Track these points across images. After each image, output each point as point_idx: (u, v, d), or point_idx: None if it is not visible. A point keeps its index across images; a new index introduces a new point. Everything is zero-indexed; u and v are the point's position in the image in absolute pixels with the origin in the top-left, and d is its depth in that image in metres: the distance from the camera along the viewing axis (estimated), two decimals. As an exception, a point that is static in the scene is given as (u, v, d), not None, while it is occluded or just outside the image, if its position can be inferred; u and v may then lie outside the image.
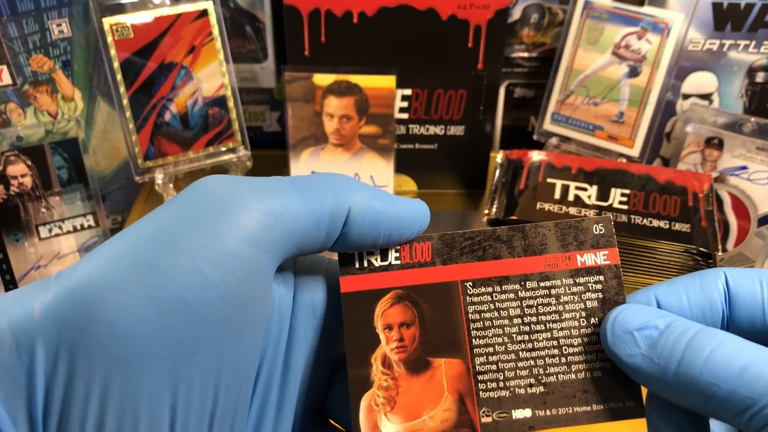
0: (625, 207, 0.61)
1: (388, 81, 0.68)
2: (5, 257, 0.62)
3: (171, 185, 0.66)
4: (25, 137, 0.62)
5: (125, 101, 0.63)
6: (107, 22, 0.61)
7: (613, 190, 0.63)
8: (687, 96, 0.73)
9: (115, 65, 0.62)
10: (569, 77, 0.72)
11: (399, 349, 0.29)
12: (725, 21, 0.70)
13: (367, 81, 0.68)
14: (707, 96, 0.73)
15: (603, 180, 0.63)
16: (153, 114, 0.64)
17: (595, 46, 0.70)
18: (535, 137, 0.74)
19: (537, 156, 0.66)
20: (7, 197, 0.61)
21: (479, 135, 0.75)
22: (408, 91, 0.73)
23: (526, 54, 0.79)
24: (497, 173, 0.66)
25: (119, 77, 0.62)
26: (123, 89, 0.63)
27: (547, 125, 0.73)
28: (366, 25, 0.69)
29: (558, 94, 0.73)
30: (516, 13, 0.76)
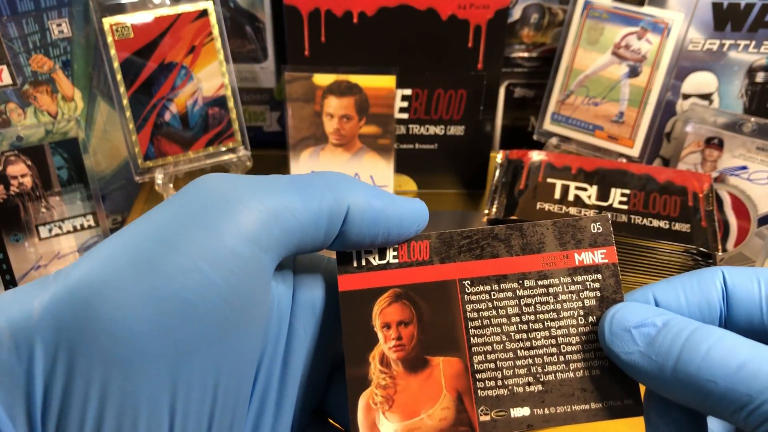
0: (625, 207, 0.61)
1: (388, 81, 0.68)
2: (5, 257, 0.62)
3: (171, 185, 0.66)
4: (25, 137, 0.62)
5: (125, 101, 0.63)
6: (107, 22, 0.61)
7: (613, 190, 0.63)
8: (687, 96, 0.73)
9: (115, 65, 0.62)
10: (569, 77, 0.72)
11: (397, 348, 0.29)
12: (725, 21, 0.70)
13: (367, 81, 0.68)
14: (707, 96, 0.73)
15: (603, 180, 0.63)
16: (153, 114, 0.64)
17: (595, 46, 0.70)
18: (535, 137, 0.74)
19: (537, 156, 0.66)
20: (7, 197, 0.61)
21: (479, 135, 0.75)
22: (408, 91, 0.73)
23: (526, 54, 0.79)
24: (497, 173, 0.66)
25: (119, 77, 0.63)
26: (123, 89, 0.63)
27: (547, 125, 0.73)
28: (366, 25, 0.69)
29: (558, 94, 0.73)
30: (516, 13, 0.76)
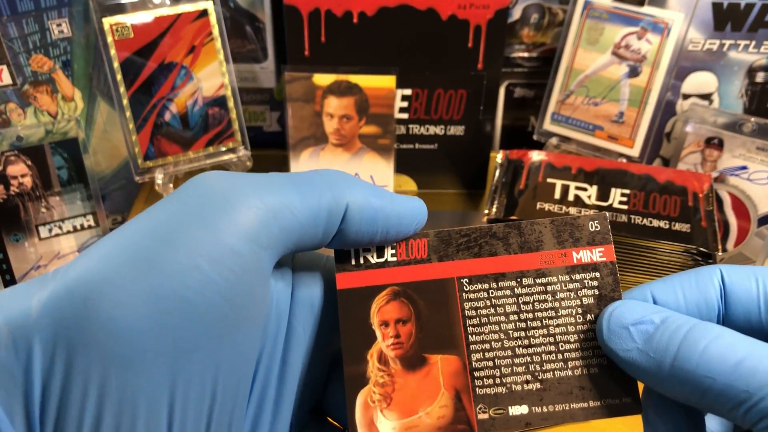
0: (625, 207, 0.61)
1: (388, 81, 0.68)
2: (5, 257, 0.62)
3: (171, 185, 0.66)
4: (25, 137, 0.62)
5: (125, 101, 0.63)
6: (107, 22, 0.61)
7: (613, 190, 0.63)
8: (687, 96, 0.73)
9: (115, 65, 0.62)
10: (569, 77, 0.72)
11: (395, 346, 0.29)
12: (725, 21, 0.70)
13: (367, 81, 0.68)
14: (707, 96, 0.73)
15: (603, 180, 0.63)
16: (153, 114, 0.64)
17: (595, 46, 0.70)
18: (535, 137, 0.74)
19: (537, 156, 0.66)
20: (7, 197, 0.61)
21: (479, 135, 0.75)
22: (408, 91, 0.73)
23: (526, 54, 0.79)
24: (497, 173, 0.66)
25: (119, 77, 0.63)
26: (123, 89, 0.63)
27: (547, 125, 0.73)
28: (366, 25, 0.69)
29: (558, 94, 0.72)
30: (516, 13, 0.76)
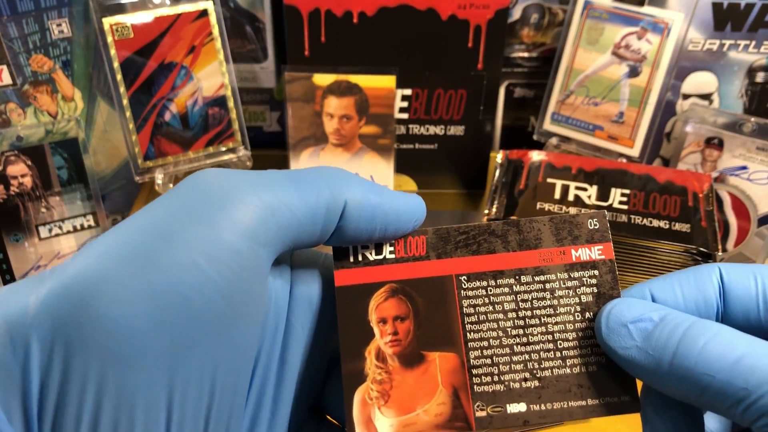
0: (625, 207, 0.61)
1: (388, 81, 0.68)
2: (5, 257, 0.62)
3: (171, 185, 0.66)
4: (25, 137, 0.62)
5: (125, 101, 0.63)
6: (107, 22, 0.61)
7: (613, 190, 0.63)
8: (687, 96, 0.73)
9: (115, 65, 0.62)
10: (569, 77, 0.72)
11: (393, 343, 0.29)
12: (725, 21, 0.69)
13: (367, 81, 0.68)
14: (707, 96, 0.73)
15: (603, 180, 0.63)
16: (153, 114, 0.64)
17: (595, 46, 0.70)
18: (535, 137, 0.74)
19: (537, 156, 0.66)
20: (7, 197, 0.61)
21: (479, 135, 0.75)
22: (408, 91, 0.73)
23: (526, 54, 0.79)
24: (497, 173, 0.66)
25: (119, 77, 0.63)
26: (123, 89, 0.63)
27: (547, 125, 0.73)
28: (366, 25, 0.70)
29: (558, 94, 0.72)
30: (516, 13, 0.76)
